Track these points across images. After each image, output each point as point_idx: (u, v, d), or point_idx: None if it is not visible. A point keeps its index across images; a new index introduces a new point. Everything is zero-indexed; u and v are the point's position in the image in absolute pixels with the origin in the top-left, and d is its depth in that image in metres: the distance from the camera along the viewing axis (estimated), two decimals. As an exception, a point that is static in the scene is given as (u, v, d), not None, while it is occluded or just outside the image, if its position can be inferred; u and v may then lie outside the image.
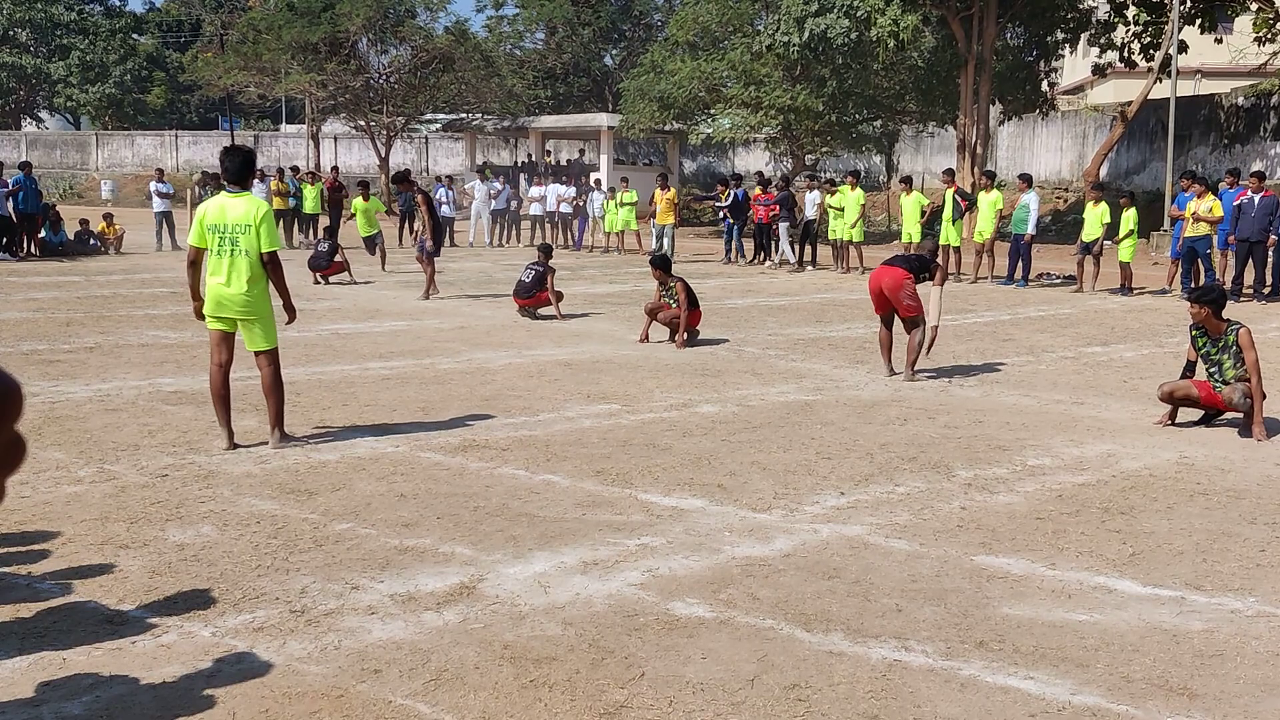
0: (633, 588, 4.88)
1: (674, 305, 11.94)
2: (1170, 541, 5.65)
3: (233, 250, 6.84)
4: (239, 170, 6.97)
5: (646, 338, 12.10)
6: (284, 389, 7.22)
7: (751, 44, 29.56)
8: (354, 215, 20.86)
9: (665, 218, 23.32)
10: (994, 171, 23.00)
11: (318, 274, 17.71)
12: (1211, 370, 8.20)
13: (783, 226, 22.30)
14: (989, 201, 19.50)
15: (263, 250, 6.87)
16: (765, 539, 5.57)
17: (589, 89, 53.50)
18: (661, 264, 12.23)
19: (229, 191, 6.96)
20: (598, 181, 29.66)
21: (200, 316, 7.15)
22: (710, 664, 4.13)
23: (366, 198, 20.79)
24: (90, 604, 4.60)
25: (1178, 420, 8.34)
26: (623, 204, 25.65)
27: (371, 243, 20.56)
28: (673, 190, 24.16)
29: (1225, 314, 8.22)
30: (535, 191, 29.11)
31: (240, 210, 6.85)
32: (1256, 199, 16.64)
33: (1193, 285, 17.35)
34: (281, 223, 25.45)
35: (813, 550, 5.42)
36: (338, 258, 17.94)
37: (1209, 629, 4.55)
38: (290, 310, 7.24)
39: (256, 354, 7.11)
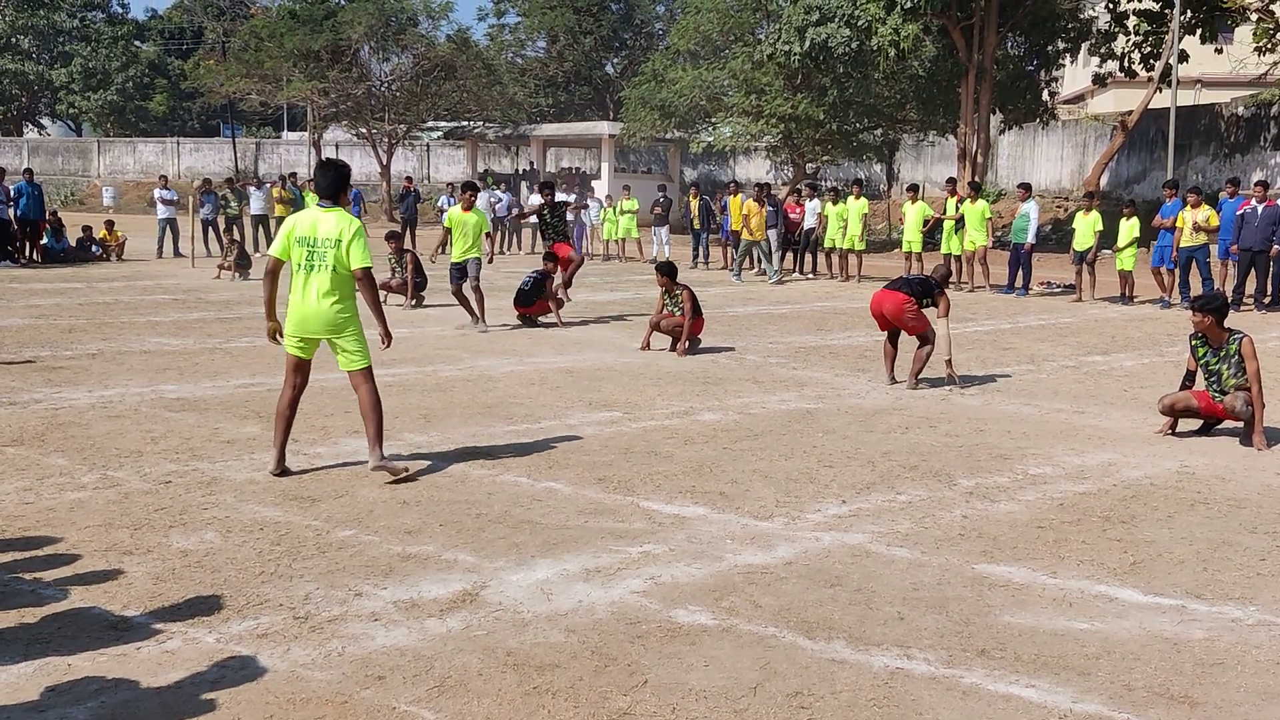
0: (635, 595, 4.89)
1: (678, 313, 11.95)
2: (1171, 550, 5.67)
3: (320, 265, 6.54)
4: (331, 185, 6.73)
5: (648, 345, 12.12)
6: (382, 408, 6.81)
7: (753, 53, 29.66)
8: (448, 231, 13.61)
9: (760, 233, 21.00)
10: (979, 183, 22.98)
11: None
12: (1210, 380, 8.21)
13: (770, 234, 22.36)
14: (977, 211, 19.49)
15: (354, 267, 6.55)
16: (767, 547, 5.58)
17: (590, 97, 53.65)
18: (668, 271, 12.23)
19: (320, 206, 6.70)
20: (585, 195, 29.63)
21: (274, 339, 6.84)
22: (713, 671, 4.15)
23: (469, 205, 13.68)
24: (95, 610, 4.61)
25: (1178, 430, 8.36)
26: (623, 212, 25.73)
27: (462, 272, 13.65)
28: (843, 205, 21.58)
29: (1226, 323, 8.24)
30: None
31: (331, 225, 6.57)
32: (1260, 208, 16.66)
33: (1191, 295, 17.39)
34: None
35: (815, 558, 5.43)
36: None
37: (1210, 637, 4.56)
38: (386, 333, 6.83)
39: (351, 374, 6.75)
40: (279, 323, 6.78)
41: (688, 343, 11.85)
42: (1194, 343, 8.34)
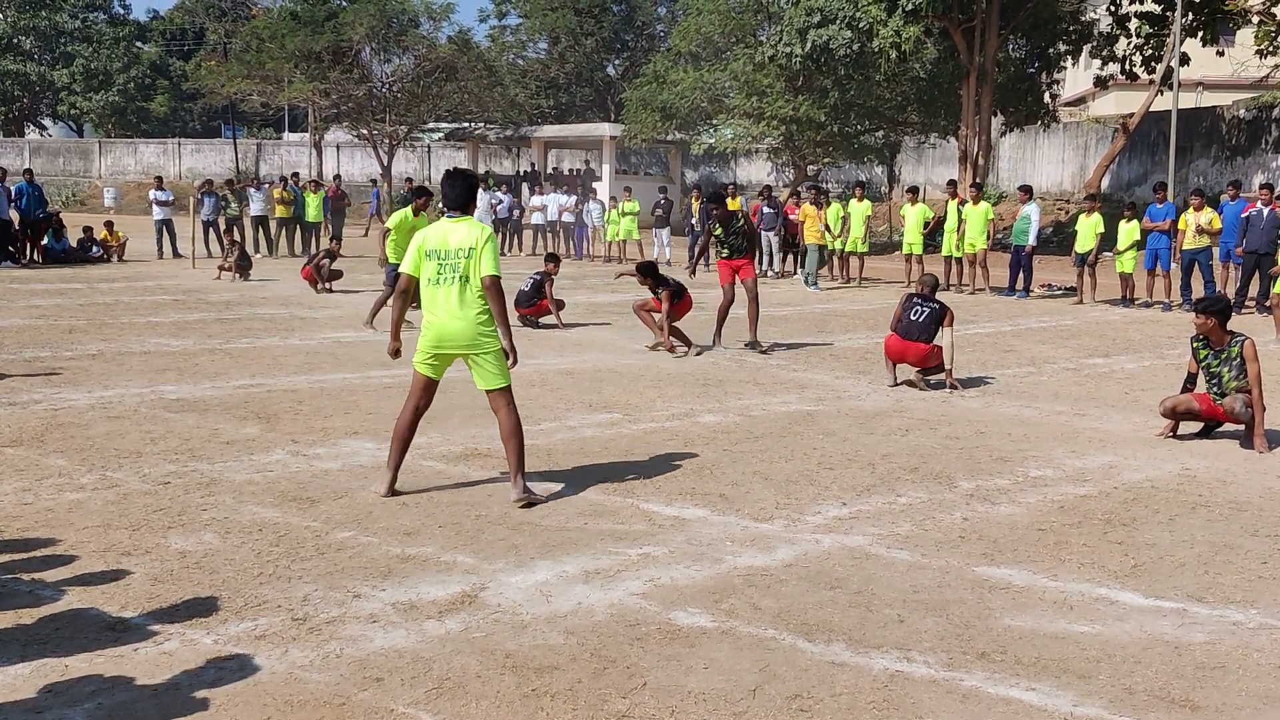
0: (634, 597, 4.88)
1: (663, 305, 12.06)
2: (1172, 553, 5.65)
3: (452, 278, 6.18)
4: (461, 196, 6.37)
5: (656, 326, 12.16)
6: (523, 433, 6.41)
7: (754, 55, 29.65)
8: (387, 232, 13.64)
9: (817, 237, 20.34)
10: (981, 184, 22.99)
11: (315, 284, 17.71)
12: (1211, 382, 8.20)
13: (769, 235, 22.38)
14: (979, 212, 19.46)
15: (483, 274, 6.16)
16: (767, 549, 5.57)
17: (591, 99, 53.64)
18: (649, 271, 12.25)
19: (449, 217, 6.34)
20: (586, 196, 29.56)
21: (395, 355, 6.58)
22: (712, 674, 4.13)
23: (419, 211, 13.18)
24: (92, 611, 4.60)
25: (1179, 432, 8.34)
26: (625, 214, 25.76)
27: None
28: (837, 205, 21.09)
29: (1228, 326, 8.23)
30: (536, 201, 29.20)
31: (462, 235, 6.22)
32: (1265, 212, 16.62)
33: (1193, 297, 17.38)
34: (284, 231, 25.51)
35: (815, 560, 5.42)
36: (313, 264, 17.89)
37: (1211, 641, 4.55)
38: (510, 348, 6.33)
39: (490, 394, 6.35)
40: (401, 343, 6.55)
41: (672, 337, 11.93)
42: (1195, 345, 8.33)
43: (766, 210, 22.47)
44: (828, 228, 20.65)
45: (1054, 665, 4.27)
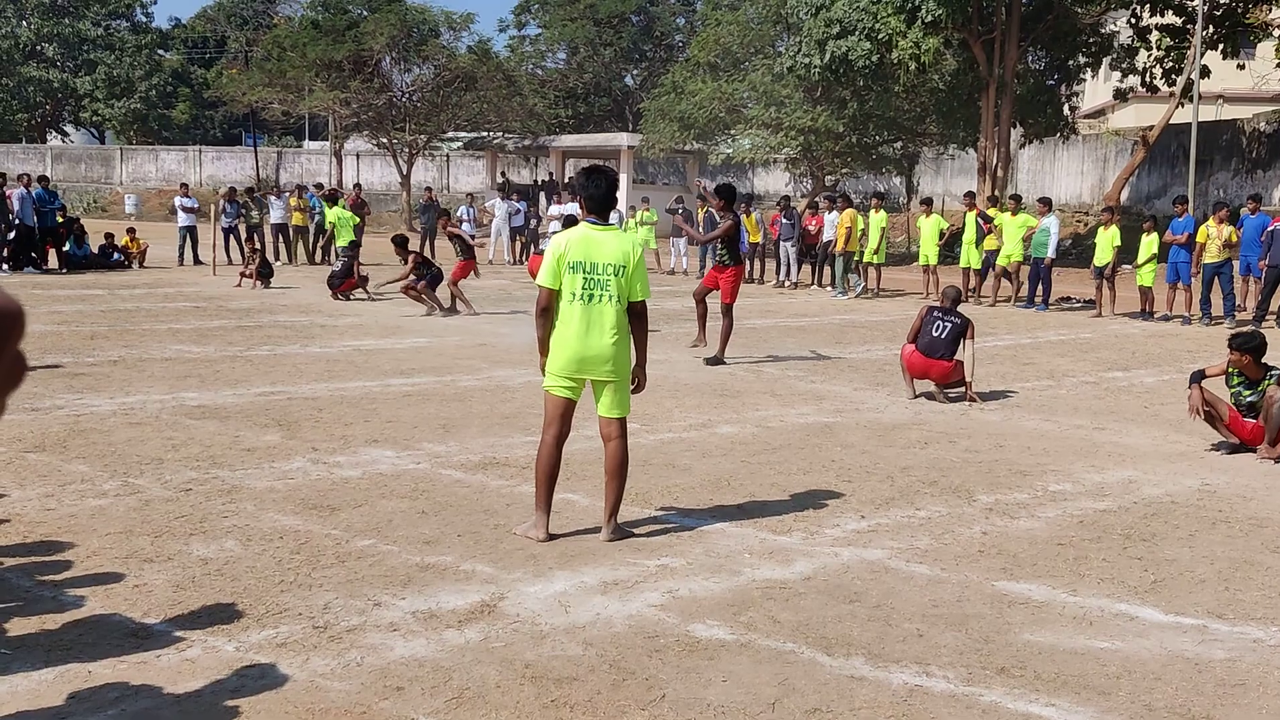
0: (653, 609, 4.89)
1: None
2: (1192, 569, 5.63)
3: (602, 296, 5.59)
4: (604, 199, 5.70)
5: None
6: (628, 468, 5.90)
7: (772, 65, 29.69)
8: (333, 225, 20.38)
9: (854, 244, 20.53)
10: (1019, 195, 23.00)
11: (335, 291, 17.80)
12: (1244, 411, 8.21)
13: (786, 245, 22.47)
14: (1016, 224, 19.42)
15: (635, 299, 5.66)
16: (785, 561, 5.57)
17: (610, 109, 53.82)
18: (399, 242, 16.03)
19: (592, 224, 5.69)
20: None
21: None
22: (731, 687, 4.14)
23: (334, 202, 21.74)
24: (115, 617, 4.63)
25: (1197, 444, 8.30)
26: (642, 223, 25.84)
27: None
28: (851, 213, 20.71)
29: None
30: (555, 210, 29.26)
31: (613, 248, 5.61)
32: None
33: (1211, 310, 17.31)
34: (301, 240, 25.64)
35: (833, 574, 5.42)
36: (353, 275, 18.01)
37: (1231, 658, 4.53)
38: (643, 374, 5.87)
39: (610, 421, 5.81)
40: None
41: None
42: (1230, 371, 8.30)
43: (784, 221, 22.50)
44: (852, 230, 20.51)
45: (1073, 681, 4.26)
